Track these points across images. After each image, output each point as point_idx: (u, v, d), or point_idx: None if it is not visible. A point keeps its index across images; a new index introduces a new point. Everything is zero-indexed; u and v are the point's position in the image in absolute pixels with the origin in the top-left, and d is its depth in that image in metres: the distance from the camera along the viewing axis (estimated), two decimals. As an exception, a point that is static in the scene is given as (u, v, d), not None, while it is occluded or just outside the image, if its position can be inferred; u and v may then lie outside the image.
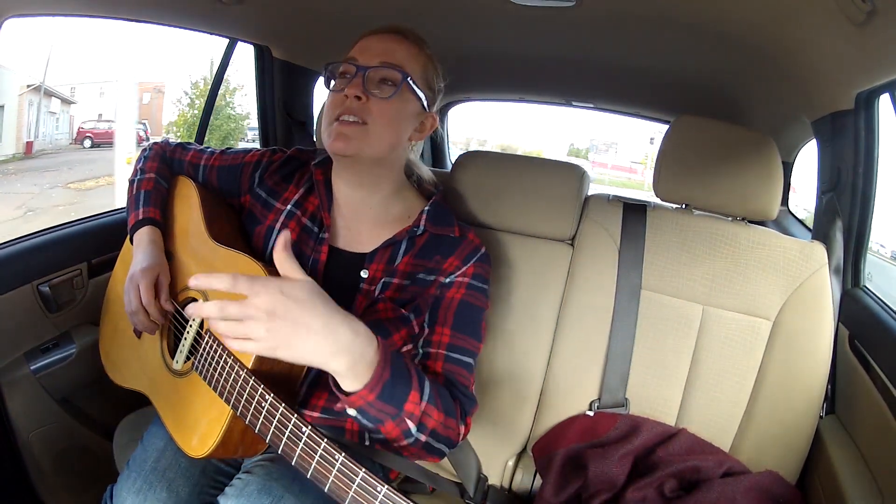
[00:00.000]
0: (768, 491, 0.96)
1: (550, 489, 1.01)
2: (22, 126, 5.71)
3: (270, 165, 0.95)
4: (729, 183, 1.06)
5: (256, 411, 0.67)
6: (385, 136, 0.83)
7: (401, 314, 0.85)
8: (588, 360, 1.08)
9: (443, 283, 0.87)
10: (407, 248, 0.88)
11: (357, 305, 0.85)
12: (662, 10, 1.17)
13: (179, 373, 0.84)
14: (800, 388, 1.01)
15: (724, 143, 1.06)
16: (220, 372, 0.74)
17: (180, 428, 0.81)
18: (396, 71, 0.82)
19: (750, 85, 1.48)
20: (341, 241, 0.89)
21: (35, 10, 1.00)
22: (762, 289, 1.04)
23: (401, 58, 0.84)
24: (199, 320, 0.83)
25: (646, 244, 1.09)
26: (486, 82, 2.19)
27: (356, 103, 0.80)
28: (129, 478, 0.83)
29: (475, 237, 0.91)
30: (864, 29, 0.86)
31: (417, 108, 0.86)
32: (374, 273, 0.86)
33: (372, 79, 0.82)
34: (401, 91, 0.82)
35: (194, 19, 1.30)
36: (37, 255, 1.10)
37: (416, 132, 0.89)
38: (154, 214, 0.92)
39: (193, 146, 1.02)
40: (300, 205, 0.91)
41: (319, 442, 0.61)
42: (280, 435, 0.64)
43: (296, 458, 0.63)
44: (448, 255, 0.88)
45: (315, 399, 0.85)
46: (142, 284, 0.83)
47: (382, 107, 0.81)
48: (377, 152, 0.83)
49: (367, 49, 0.84)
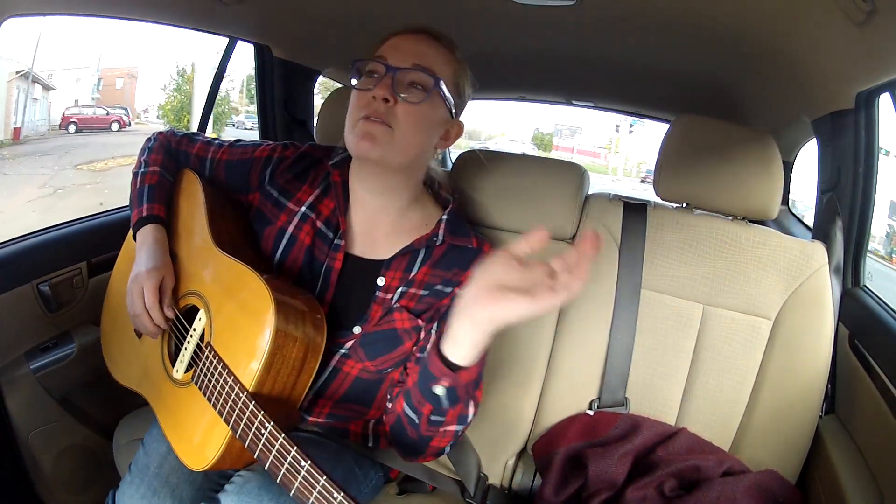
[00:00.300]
0: (768, 490, 0.96)
1: (550, 488, 1.01)
2: (10, 112, 5.71)
3: (282, 162, 0.90)
4: (729, 182, 1.06)
5: (256, 437, 0.68)
6: (411, 144, 0.79)
7: (416, 325, 0.84)
8: (588, 359, 1.08)
9: (458, 294, 0.86)
10: (425, 257, 0.85)
11: (372, 314, 0.84)
12: (662, 10, 1.17)
13: (180, 382, 0.83)
14: (800, 387, 1.01)
15: (725, 143, 1.06)
16: (220, 391, 0.73)
17: (180, 438, 0.80)
18: (428, 75, 0.78)
19: (750, 84, 1.48)
20: (357, 248, 0.86)
21: (35, 9, 1.00)
22: (762, 288, 1.04)
23: (433, 61, 0.80)
24: (199, 330, 0.81)
25: (646, 243, 1.09)
26: (486, 81, 2.18)
27: (383, 105, 0.76)
28: (132, 484, 0.82)
29: (490, 249, 0.88)
30: (865, 28, 0.86)
31: (445, 115, 0.83)
32: (391, 281, 0.84)
33: (401, 81, 0.78)
34: (431, 96, 0.79)
35: (194, 18, 1.30)
36: (36, 254, 1.10)
37: (442, 140, 0.85)
38: (159, 212, 0.89)
39: (201, 137, 0.98)
40: (314, 207, 0.87)
41: (319, 479, 0.63)
42: (279, 465, 0.66)
43: (294, 490, 0.65)
44: (466, 269, 0.85)
45: (320, 407, 0.85)
46: (147, 286, 0.81)
47: (410, 111, 0.77)
48: (402, 159, 0.80)
49: (398, 49, 0.80)
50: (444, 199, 0.93)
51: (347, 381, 0.85)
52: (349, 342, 0.83)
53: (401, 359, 0.85)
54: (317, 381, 0.82)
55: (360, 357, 0.83)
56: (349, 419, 0.87)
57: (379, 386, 0.87)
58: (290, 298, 0.77)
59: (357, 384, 0.85)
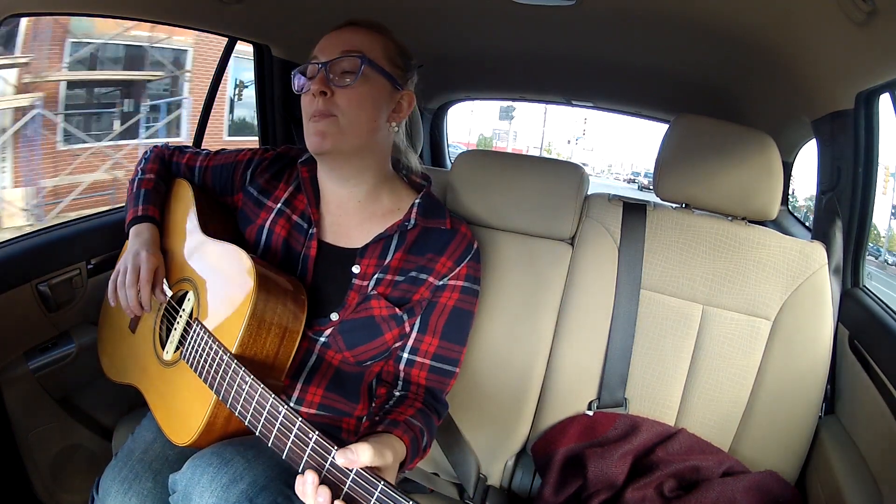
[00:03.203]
0: (768, 491, 0.96)
1: (550, 489, 1.01)
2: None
3: (261, 164, 0.96)
4: (729, 182, 1.06)
5: (237, 394, 0.70)
6: (358, 124, 0.83)
7: (395, 313, 0.86)
8: (587, 360, 1.08)
9: (436, 285, 0.88)
10: (398, 243, 0.88)
11: (349, 300, 0.86)
12: (662, 10, 1.17)
13: (169, 363, 0.85)
14: (799, 388, 1.01)
15: (725, 143, 1.06)
16: (206, 358, 0.75)
17: (168, 417, 0.82)
18: (354, 56, 0.82)
19: (750, 84, 1.48)
20: (331, 237, 0.90)
21: (35, 8, 1.00)
22: (762, 289, 1.04)
23: (359, 43, 0.84)
24: (188, 310, 0.84)
25: (646, 243, 1.09)
26: (486, 82, 2.19)
27: (323, 99, 0.81)
28: (115, 467, 0.83)
29: (467, 230, 0.91)
30: (865, 29, 0.86)
31: (387, 87, 0.86)
32: (366, 268, 0.87)
33: (334, 71, 0.82)
34: (363, 74, 0.82)
35: (194, 18, 1.30)
36: (36, 254, 1.10)
37: (394, 113, 0.88)
38: (153, 213, 0.94)
39: (190, 149, 1.05)
40: (289, 203, 0.92)
41: (294, 421, 0.63)
42: (258, 416, 0.67)
43: (272, 438, 0.66)
44: (441, 254, 0.88)
45: (311, 396, 0.86)
46: (145, 266, 0.85)
47: (348, 95, 0.82)
48: (355, 142, 0.84)
49: (327, 45, 0.85)
50: (418, 184, 0.96)
51: (331, 371, 0.87)
52: (328, 329, 0.85)
53: (381, 350, 0.87)
54: (302, 369, 0.85)
55: (340, 346, 0.86)
56: (341, 414, 0.88)
57: (362, 378, 0.89)
58: (271, 272, 0.81)
59: (340, 374, 0.87)
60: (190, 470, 0.73)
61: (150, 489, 0.80)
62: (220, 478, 0.70)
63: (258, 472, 0.72)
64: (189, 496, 0.71)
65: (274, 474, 0.72)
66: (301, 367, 0.85)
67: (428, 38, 0.85)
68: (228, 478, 0.70)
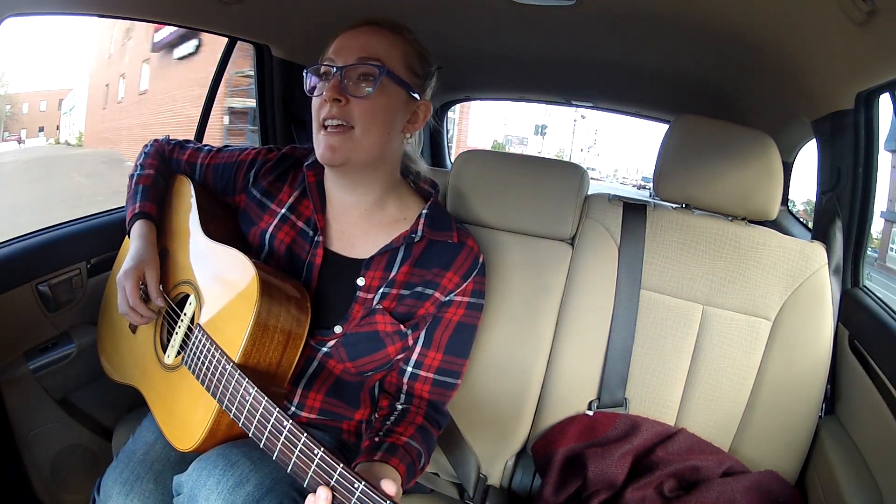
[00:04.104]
0: (768, 491, 0.96)
1: (550, 489, 1.01)
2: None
3: (265, 164, 0.93)
4: (729, 182, 1.06)
5: (241, 405, 0.69)
6: (372, 137, 0.80)
7: (399, 330, 0.85)
8: (587, 360, 1.08)
9: (442, 301, 0.86)
10: (404, 256, 0.86)
11: (353, 313, 0.84)
12: (662, 10, 1.17)
13: (170, 367, 0.84)
14: (799, 388, 1.01)
15: (725, 143, 1.06)
16: (208, 366, 0.74)
17: (170, 421, 0.81)
18: (373, 65, 0.79)
19: (750, 84, 1.48)
20: (336, 245, 0.88)
21: (35, 9, 1.00)
22: (762, 289, 1.04)
23: (378, 50, 0.80)
24: (190, 314, 0.83)
25: (646, 244, 1.09)
26: (486, 82, 2.19)
27: (337, 106, 0.78)
28: (116, 468, 0.83)
29: (474, 243, 0.89)
30: (865, 29, 0.86)
31: (404, 97, 0.82)
32: (371, 281, 0.85)
33: (350, 77, 0.79)
34: (380, 85, 0.79)
35: (194, 18, 1.30)
36: (36, 254, 1.10)
37: (409, 123, 0.85)
38: (149, 209, 0.91)
39: (191, 144, 1.01)
40: (294, 208, 0.89)
41: (299, 436, 0.63)
42: (262, 429, 0.66)
43: (276, 452, 0.65)
44: (447, 268, 0.86)
45: (311, 401, 0.86)
46: (127, 287, 0.83)
47: (364, 106, 0.79)
48: (367, 155, 0.81)
49: (344, 47, 0.81)
50: (425, 191, 0.93)
51: (331, 379, 0.87)
52: (331, 341, 0.85)
53: (382, 363, 0.86)
54: (303, 375, 0.84)
55: (342, 357, 0.85)
56: (342, 418, 0.88)
57: (363, 385, 0.88)
58: (274, 277, 0.80)
59: (341, 381, 0.87)
60: (195, 472, 0.73)
61: (152, 490, 0.80)
62: (226, 480, 0.70)
63: (264, 474, 0.72)
64: (195, 498, 0.71)
65: (280, 476, 0.72)
66: (302, 373, 0.85)
67: (427, 37, 0.85)
68: (234, 480, 0.70)
